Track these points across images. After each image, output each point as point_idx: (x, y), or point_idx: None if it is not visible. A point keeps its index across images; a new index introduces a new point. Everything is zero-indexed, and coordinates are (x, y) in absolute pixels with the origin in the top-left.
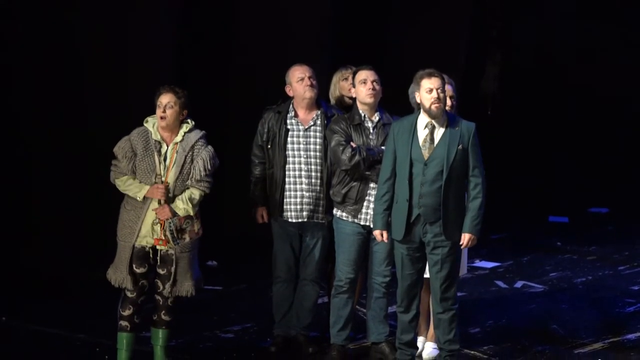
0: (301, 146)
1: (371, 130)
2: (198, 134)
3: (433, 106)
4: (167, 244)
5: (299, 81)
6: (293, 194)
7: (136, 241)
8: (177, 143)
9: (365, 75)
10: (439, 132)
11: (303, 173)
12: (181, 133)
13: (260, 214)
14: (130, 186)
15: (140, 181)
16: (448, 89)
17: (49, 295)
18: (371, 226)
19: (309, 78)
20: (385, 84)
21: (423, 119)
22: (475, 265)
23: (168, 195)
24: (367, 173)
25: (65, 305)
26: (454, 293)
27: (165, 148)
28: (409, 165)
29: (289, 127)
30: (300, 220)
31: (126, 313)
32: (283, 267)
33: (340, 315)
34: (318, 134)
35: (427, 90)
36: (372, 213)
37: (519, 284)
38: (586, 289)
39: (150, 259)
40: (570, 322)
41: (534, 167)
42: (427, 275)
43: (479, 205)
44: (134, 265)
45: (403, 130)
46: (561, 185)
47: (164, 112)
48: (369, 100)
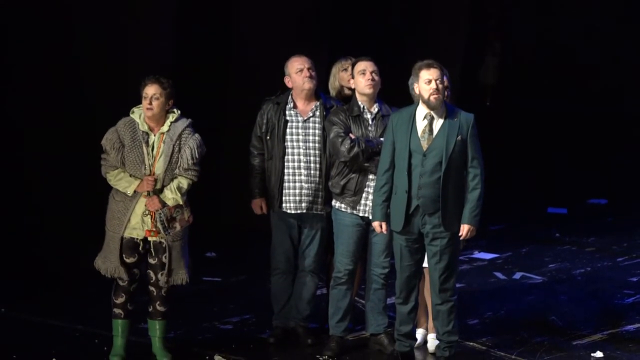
0: (300, 137)
1: (370, 122)
2: (184, 122)
3: (432, 97)
4: (158, 235)
5: (298, 72)
6: (292, 185)
7: (125, 232)
8: (164, 133)
9: (365, 66)
10: (438, 123)
11: (302, 164)
12: (168, 123)
13: (259, 205)
14: (120, 181)
15: (130, 172)
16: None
17: (47, 287)
18: (370, 217)
19: (308, 69)
20: (385, 75)
21: (422, 110)
22: (474, 256)
23: (157, 187)
24: (366, 164)
25: (63, 297)
26: (452, 284)
27: (152, 138)
28: (407, 156)
29: (288, 118)
30: (299, 212)
31: (119, 301)
32: (282, 259)
33: (339, 307)
34: (317, 125)
35: (426, 81)
36: (371, 204)
37: (518, 275)
38: (585, 280)
39: (140, 249)
40: (568, 314)
41: (533, 159)
42: (426, 266)
43: (478, 196)
44: (124, 256)
45: (402, 121)
46: (560, 176)
47: (150, 104)
48: (368, 91)
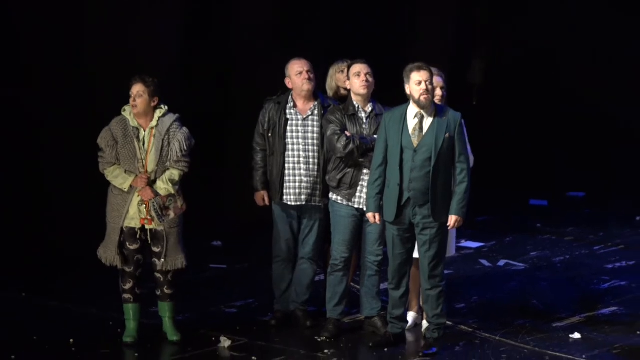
0: (300, 135)
1: (364, 120)
2: (172, 117)
3: (422, 97)
4: (153, 222)
5: (297, 74)
6: (292, 179)
7: (124, 223)
8: (154, 127)
9: (359, 68)
10: (428, 122)
11: (301, 160)
12: (156, 118)
13: (261, 197)
14: (116, 178)
15: (124, 167)
16: (439, 80)
17: (64, 274)
18: (364, 209)
19: (307, 72)
20: (379, 76)
21: (413, 109)
22: (461, 245)
23: (150, 180)
24: (361, 160)
25: (79, 283)
26: (441, 271)
27: (143, 133)
28: (399, 152)
29: (288, 117)
30: (299, 204)
31: (127, 287)
32: (283, 247)
33: (336, 292)
34: (315, 123)
35: (417, 82)
36: (365, 197)
37: (502, 263)
38: (564, 267)
39: (139, 237)
40: (549, 298)
41: (516, 154)
42: (417, 255)
43: (465, 189)
44: (127, 244)
45: (394, 119)
46: (541, 171)
47: (135, 101)
48: (363, 91)
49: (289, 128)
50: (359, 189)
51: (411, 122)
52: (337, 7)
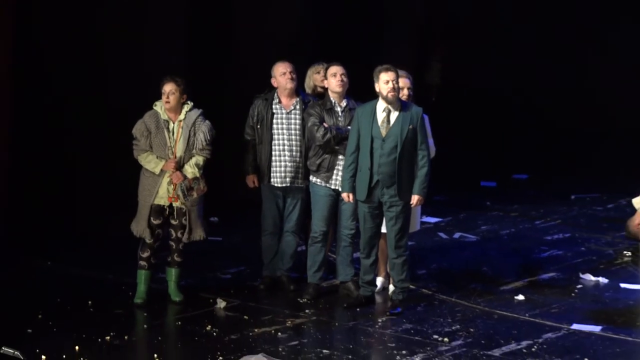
0: (284, 126)
1: (340, 114)
2: (197, 112)
3: (389, 94)
4: (179, 200)
5: (281, 75)
6: (278, 164)
7: (154, 201)
8: (182, 120)
9: (335, 69)
10: (394, 115)
11: (286, 147)
12: (184, 112)
13: (251, 180)
14: (149, 163)
15: (156, 154)
16: (406, 81)
17: (84, 245)
18: (340, 189)
19: (290, 72)
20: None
21: (381, 105)
22: (422, 220)
23: (179, 165)
24: (337, 147)
25: (98, 253)
26: (405, 242)
27: (172, 125)
28: (370, 141)
29: (274, 111)
30: (284, 185)
31: (145, 255)
32: (270, 222)
33: (315, 260)
34: (297, 116)
35: (385, 81)
36: (341, 179)
37: (457, 235)
38: (509, 239)
39: (165, 213)
40: (497, 265)
41: (469, 142)
42: (384, 229)
43: (426, 172)
44: (152, 218)
45: (365, 113)
46: (490, 156)
47: (168, 98)
48: (338, 89)
49: (274, 121)
50: (335, 172)
51: (380, 116)
52: (318, 17)
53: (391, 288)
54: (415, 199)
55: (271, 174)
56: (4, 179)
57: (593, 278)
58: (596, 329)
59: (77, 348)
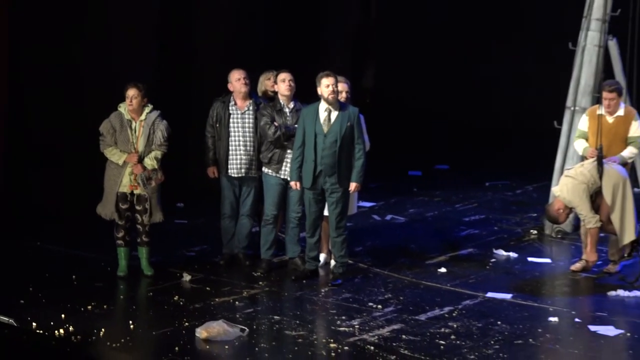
0: (239, 125)
1: (288, 114)
2: (156, 113)
3: (330, 97)
4: (139, 188)
5: (237, 80)
6: (234, 157)
7: (119, 189)
8: (143, 120)
9: (284, 76)
10: (334, 115)
11: (241, 143)
12: (145, 113)
13: (212, 171)
14: (114, 155)
15: (120, 148)
16: (344, 85)
17: (68, 227)
18: (288, 179)
19: (244, 78)
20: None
21: (323, 105)
22: (359, 204)
23: (140, 158)
24: (285, 143)
25: (80, 234)
26: (344, 224)
27: (134, 124)
28: (314, 137)
29: (230, 112)
30: (240, 175)
31: (120, 235)
32: (228, 207)
33: (267, 239)
34: (251, 116)
35: (326, 85)
36: (289, 170)
37: (389, 217)
38: (433, 220)
39: (128, 199)
40: (422, 243)
41: (398, 138)
42: (327, 213)
43: (362, 163)
44: (120, 204)
45: (310, 113)
46: (417, 150)
47: (131, 102)
48: (287, 93)
49: (231, 120)
50: (284, 164)
51: (322, 115)
52: (270, 30)
53: (332, 263)
54: (353, 186)
55: (229, 166)
56: None
57: (504, 253)
58: (507, 296)
59: (63, 316)
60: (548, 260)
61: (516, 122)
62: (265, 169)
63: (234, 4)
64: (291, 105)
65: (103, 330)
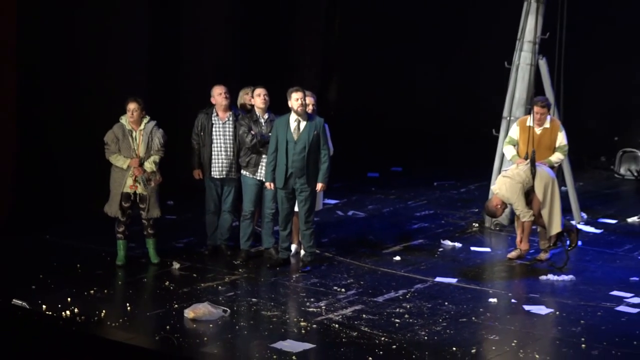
0: (221, 133)
1: (263, 124)
2: (153, 123)
3: (299, 109)
4: (139, 188)
5: (218, 95)
6: (217, 161)
7: (123, 189)
8: (142, 130)
9: (260, 91)
10: (303, 124)
11: (222, 149)
12: (143, 123)
13: (197, 173)
14: (118, 161)
15: (123, 155)
16: (311, 99)
17: (74, 222)
18: (263, 180)
19: (225, 93)
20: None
21: (293, 116)
22: (324, 202)
23: (140, 162)
24: (261, 149)
25: (83, 228)
26: (312, 218)
27: (135, 133)
28: (285, 144)
29: (213, 122)
30: (222, 177)
31: (120, 229)
32: (211, 204)
33: (246, 232)
34: (231, 126)
35: (295, 99)
36: (264, 172)
37: (350, 213)
38: (389, 215)
39: (131, 199)
40: (380, 235)
41: (358, 145)
42: (297, 209)
43: (327, 166)
44: (123, 202)
45: (282, 123)
46: (375, 154)
47: (132, 114)
48: (262, 106)
49: (214, 129)
50: (259, 167)
51: (292, 125)
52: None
53: (302, 252)
54: (319, 186)
55: (212, 169)
56: (11, 176)
57: (450, 243)
58: (453, 280)
59: (69, 299)
60: (488, 249)
61: (460, 130)
62: (243, 171)
63: (217, 31)
64: (266, 116)
65: (104, 311)
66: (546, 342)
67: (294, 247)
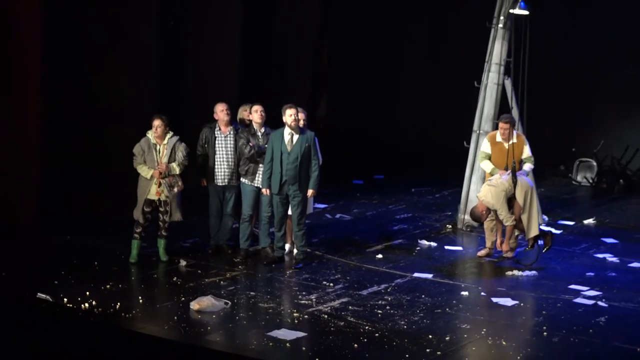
0: (223, 145)
1: (260, 137)
2: (176, 137)
3: (292, 123)
4: (162, 194)
5: (221, 111)
6: (219, 170)
7: (147, 196)
8: (165, 144)
9: (257, 107)
10: (295, 137)
11: (224, 159)
12: (167, 138)
13: (202, 181)
14: (143, 171)
15: (148, 165)
16: (303, 115)
17: (92, 223)
18: (260, 186)
19: (226, 109)
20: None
21: (287, 130)
22: (315, 206)
23: (163, 175)
24: (258, 159)
25: (101, 229)
26: (304, 221)
27: (159, 147)
28: (280, 154)
29: (216, 135)
30: (224, 184)
31: (138, 230)
32: (214, 208)
33: (245, 233)
34: (232, 138)
35: (289, 115)
36: (261, 179)
37: (338, 216)
38: (372, 217)
39: (154, 204)
40: (364, 235)
41: (345, 154)
42: (290, 212)
43: (317, 175)
44: (144, 207)
45: (277, 136)
46: (359, 163)
47: (157, 130)
48: (259, 121)
49: (217, 142)
50: (257, 175)
51: (286, 137)
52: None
53: (295, 251)
54: (310, 192)
55: (215, 177)
56: (38, 184)
57: (427, 242)
58: (429, 276)
59: (88, 293)
60: (460, 248)
61: (435, 142)
62: (242, 179)
63: (218, 56)
64: (262, 130)
65: (119, 304)
66: (512, 330)
67: (287, 246)
